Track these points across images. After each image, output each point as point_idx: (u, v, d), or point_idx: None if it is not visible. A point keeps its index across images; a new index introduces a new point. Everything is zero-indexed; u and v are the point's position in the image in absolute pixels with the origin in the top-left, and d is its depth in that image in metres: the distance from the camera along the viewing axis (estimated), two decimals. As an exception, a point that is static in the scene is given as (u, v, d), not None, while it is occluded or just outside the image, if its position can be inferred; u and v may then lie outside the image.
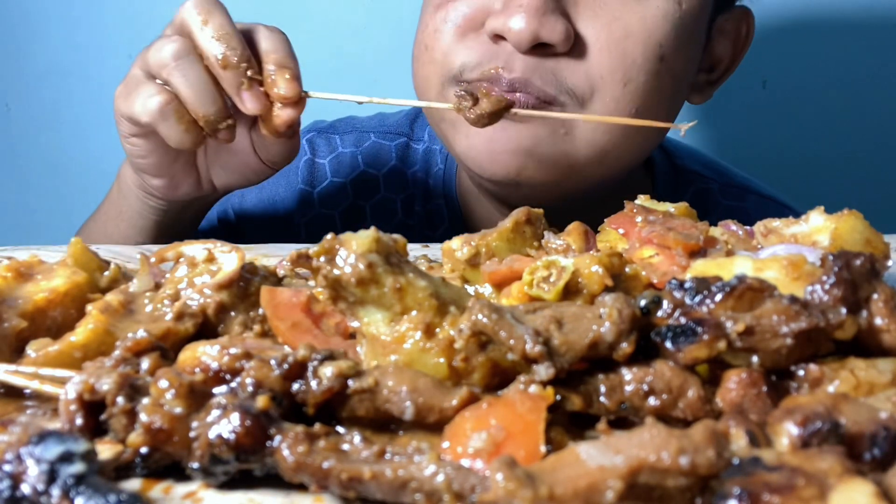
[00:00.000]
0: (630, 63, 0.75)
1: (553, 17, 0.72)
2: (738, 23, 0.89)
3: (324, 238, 0.39)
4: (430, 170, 1.02)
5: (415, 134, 1.05)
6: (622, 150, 0.79)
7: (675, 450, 0.28)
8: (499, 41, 0.75)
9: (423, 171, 1.03)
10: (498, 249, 0.49)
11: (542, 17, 0.71)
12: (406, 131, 1.05)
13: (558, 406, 0.36)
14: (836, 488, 0.27)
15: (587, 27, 0.74)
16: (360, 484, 0.31)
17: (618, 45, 0.74)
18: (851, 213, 0.47)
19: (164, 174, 0.81)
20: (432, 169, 1.02)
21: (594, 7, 0.75)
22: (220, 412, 0.34)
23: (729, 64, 0.91)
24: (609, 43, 0.74)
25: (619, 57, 0.74)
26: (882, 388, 0.36)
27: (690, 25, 0.78)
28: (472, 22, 0.76)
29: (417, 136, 1.05)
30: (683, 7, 0.76)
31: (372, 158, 1.03)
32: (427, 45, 0.79)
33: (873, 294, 0.38)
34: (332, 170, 1.04)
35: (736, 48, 0.90)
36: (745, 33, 0.90)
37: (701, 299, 0.37)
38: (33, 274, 0.49)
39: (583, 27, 0.74)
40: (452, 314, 0.38)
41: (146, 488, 0.34)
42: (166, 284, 0.48)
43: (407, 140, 1.04)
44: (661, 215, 0.52)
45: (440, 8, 0.78)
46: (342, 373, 0.35)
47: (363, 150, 1.04)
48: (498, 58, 0.74)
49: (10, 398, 0.41)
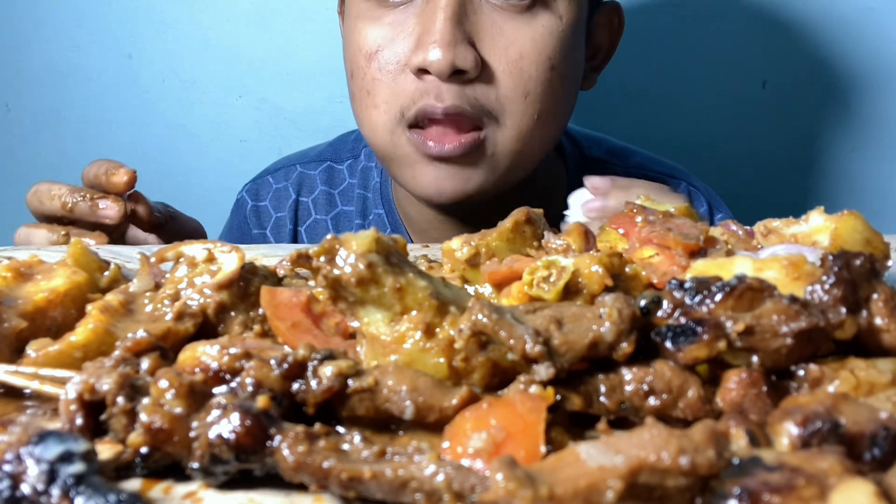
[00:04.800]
0: (527, 78, 0.88)
1: (463, 47, 0.84)
2: (610, 16, 1.02)
3: (324, 238, 0.39)
4: (368, 184, 1.14)
5: (340, 156, 1.17)
6: (534, 147, 0.93)
7: (675, 450, 0.28)
8: (422, 76, 0.86)
9: (361, 186, 1.14)
10: (498, 249, 0.49)
11: (454, 47, 0.83)
12: (329, 156, 1.17)
13: (558, 406, 0.36)
14: (837, 488, 0.27)
15: (489, 54, 0.87)
16: (360, 484, 0.31)
17: (516, 66, 0.87)
18: (851, 213, 0.47)
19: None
20: (370, 183, 1.14)
21: (493, 35, 0.87)
22: (220, 412, 0.34)
23: (608, 51, 1.04)
24: (509, 65, 0.87)
25: (518, 75, 0.88)
26: (882, 388, 0.36)
27: (571, 33, 0.91)
28: (398, 65, 0.88)
29: (342, 158, 1.16)
30: (564, 20, 0.90)
31: (300, 187, 1.16)
32: (369, 91, 0.91)
33: (873, 294, 0.38)
34: (273, 206, 1.16)
35: (612, 37, 1.04)
36: (616, 24, 1.04)
37: (701, 299, 0.37)
38: (33, 274, 0.49)
39: (486, 54, 0.87)
40: (452, 314, 0.38)
41: (146, 488, 0.34)
42: (166, 284, 0.48)
43: (330, 164, 1.16)
44: (661, 215, 0.52)
45: (371, 58, 0.89)
46: (342, 372, 0.35)
47: (292, 180, 1.16)
48: (428, 92, 0.86)
49: (10, 398, 0.41)
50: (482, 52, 0.86)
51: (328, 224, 1.15)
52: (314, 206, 1.15)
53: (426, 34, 0.84)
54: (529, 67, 0.88)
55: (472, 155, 0.88)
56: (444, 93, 0.85)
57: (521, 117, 0.89)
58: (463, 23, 0.85)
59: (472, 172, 0.90)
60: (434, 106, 0.86)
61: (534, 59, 0.88)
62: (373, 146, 0.95)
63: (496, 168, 0.91)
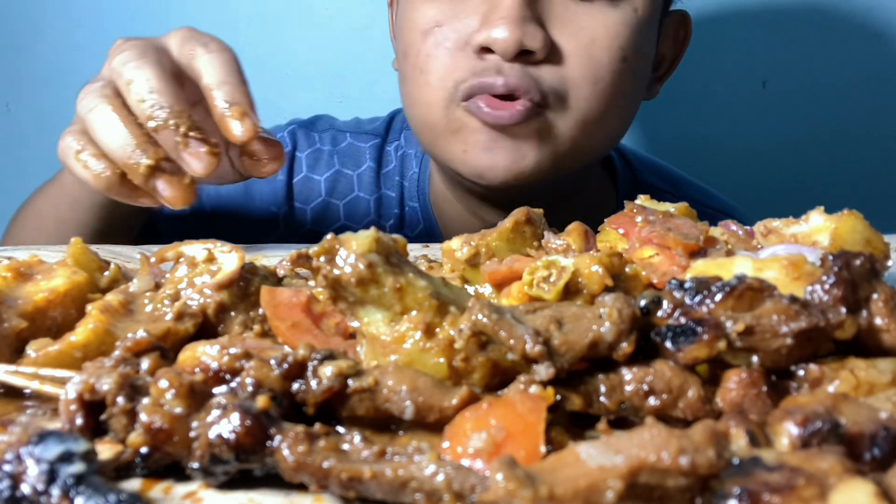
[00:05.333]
0: (598, 65, 0.84)
1: (532, 26, 0.80)
2: (677, 26, 0.99)
3: (324, 238, 0.39)
4: (406, 173, 1.08)
5: (389, 136, 1.10)
6: (594, 140, 0.89)
7: (675, 450, 0.28)
8: (484, 55, 0.82)
9: (399, 174, 1.08)
10: (498, 249, 0.49)
11: (524, 26, 0.79)
12: (381, 133, 1.10)
13: (558, 406, 0.36)
14: (837, 488, 0.27)
15: (559, 36, 0.83)
16: (360, 484, 0.31)
17: (587, 50, 0.83)
18: (851, 213, 0.47)
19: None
20: (407, 172, 1.08)
21: (563, 18, 0.83)
22: (220, 412, 0.34)
23: (671, 62, 1.01)
24: (579, 49, 0.83)
25: (588, 60, 0.83)
26: (882, 388, 0.36)
27: (645, 29, 0.87)
28: (458, 42, 0.83)
29: (391, 139, 1.10)
30: (639, 14, 0.86)
31: (347, 158, 1.08)
32: (422, 69, 0.86)
33: (873, 294, 0.38)
34: (308, 165, 1.08)
35: (676, 48, 1.00)
36: (682, 36, 1.00)
37: (701, 299, 0.37)
38: (33, 274, 0.49)
39: (556, 36, 0.82)
40: (452, 314, 0.38)
41: (146, 488, 0.34)
42: (166, 284, 0.48)
43: (381, 142, 1.10)
44: (661, 215, 0.52)
45: (428, 34, 0.85)
46: (342, 372, 0.35)
47: (339, 149, 1.09)
48: (488, 70, 0.81)
49: (10, 398, 0.41)
50: (551, 33, 0.82)
51: (370, 205, 1.07)
52: (359, 181, 1.08)
53: (493, 11, 0.80)
54: (601, 54, 0.83)
55: (529, 127, 0.83)
56: (508, 72, 0.81)
57: (587, 103, 0.84)
58: (534, 2, 0.81)
59: (528, 149, 0.84)
60: (494, 79, 0.81)
61: (606, 46, 0.83)
62: (425, 125, 0.89)
63: (554, 152, 0.85)
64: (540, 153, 0.85)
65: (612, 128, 0.90)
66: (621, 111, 0.89)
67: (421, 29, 0.85)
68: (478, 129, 0.84)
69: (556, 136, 0.85)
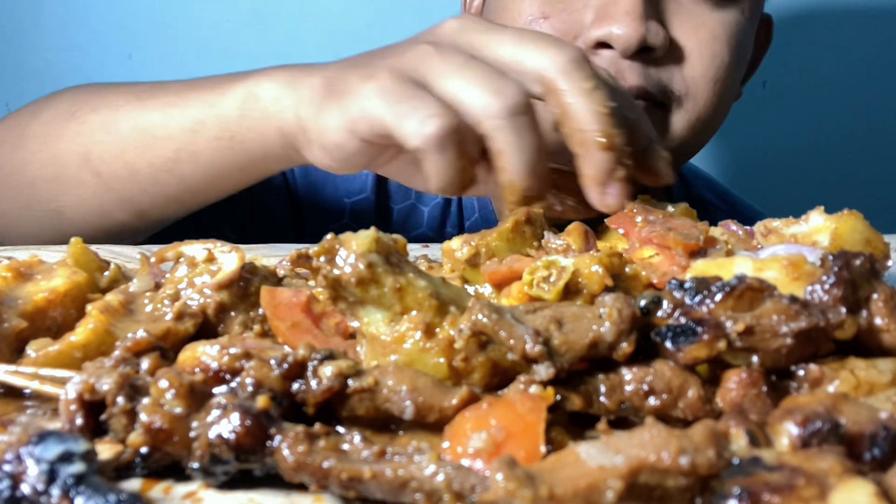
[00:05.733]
0: (719, 63, 0.81)
1: (654, 23, 0.76)
2: (760, 30, 0.95)
3: (323, 238, 0.39)
4: None
5: None
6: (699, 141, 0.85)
7: (675, 450, 0.28)
8: (599, 51, 0.77)
9: None
10: (498, 249, 0.49)
11: (647, 21, 0.75)
12: None
13: (558, 406, 0.36)
14: (837, 488, 0.27)
15: (679, 32, 0.79)
16: (360, 483, 0.31)
17: (708, 46, 0.80)
18: (851, 213, 0.47)
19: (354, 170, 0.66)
20: None
21: (681, 14, 0.80)
22: (220, 412, 0.34)
23: (752, 67, 0.98)
24: (699, 46, 0.80)
25: (710, 57, 0.80)
26: (882, 388, 0.36)
27: (749, 30, 0.85)
28: (567, 36, 0.78)
29: None
30: (745, 15, 0.83)
31: None
32: None
33: (873, 294, 0.38)
34: None
35: (756, 52, 0.97)
36: (763, 40, 0.98)
37: (701, 299, 0.37)
38: (33, 274, 0.49)
39: (675, 33, 0.79)
40: (452, 314, 0.38)
41: (146, 488, 0.34)
42: (166, 284, 0.48)
43: None
44: (661, 215, 0.52)
45: (535, 25, 0.80)
46: (342, 372, 0.35)
47: None
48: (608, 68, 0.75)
49: (10, 398, 0.41)
50: (671, 30, 0.78)
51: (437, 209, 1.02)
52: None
53: (613, 5, 0.75)
54: (722, 50, 0.80)
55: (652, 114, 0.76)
56: (626, 70, 0.76)
57: (704, 103, 0.81)
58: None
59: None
60: None
61: (726, 42, 0.80)
62: None
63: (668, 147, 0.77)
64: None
65: (712, 131, 0.87)
66: (724, 113, 0.86)
67: (524, 18, 0.80)
68: None
69: (671, 134, 0.82)
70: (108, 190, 0.75)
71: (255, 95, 0.69)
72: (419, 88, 0.58)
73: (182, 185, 0.74)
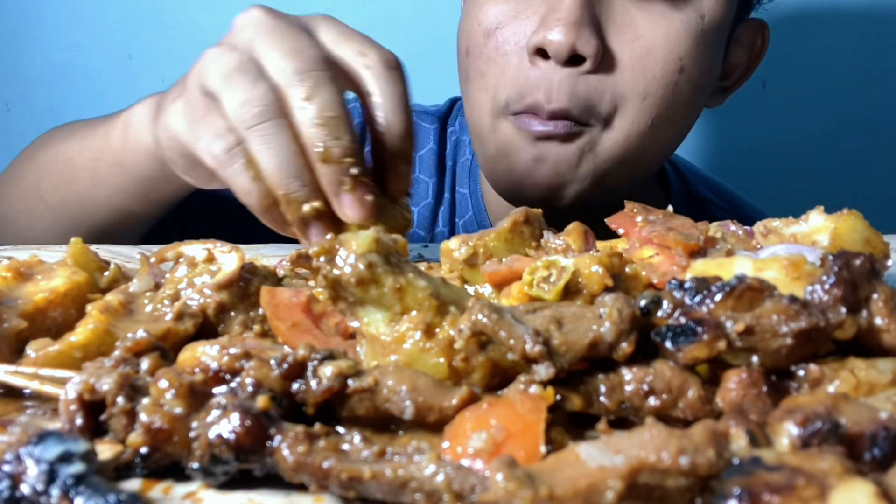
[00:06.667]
0: (650, 78, 0.80)
1: (588, 31, 0.77)
2: (753, 34, 0.94)
3: (323, 238, 0.39)
4: (458, 159, 1.06)
5: (448, 121, 1.08)
6: (641, 156, 0.85)
7: (675, 450, 0.28)
8: (537, 61, 0.79)
9: (452, 158, 1.06)
10: (496, 250, 0.49)
11: (579, 29, 0.76)
12: (442, 116, 1.08)
13: (558, 406, 0.36)
14: (836, 488, 0.27)
15: (615, 42, 0.79)
16: (360, 484, 0.31)
17: (640, 62, 0.79)
18: (851, 213, 0.47)
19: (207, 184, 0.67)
20: (460, 158, 1.06)
21: (621, 24, 0.80)
22: (220, 412, 0.34)
23: (743, 72, 0.96)
24: (632, 60, 0.79)
25: (640, 73, 0.79)
26: (882, 388, 0.36)
27: (711, 36, 0.82)
28: (517, 47, 0.81)
29: (449, 123, 1.08)
30: (706, 20, 0.81)
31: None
32: (483, 73, 0.84)
33: (873, 294, 0.38)
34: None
35: (750, 58, 0.95)
36: (759, 46, 0.95)
37: (701, 299, 0.37)
38: (33, 274, 0.49)
39: (611, 42, 0.79)
40: (452, 314, 0.38)
41: (146, 488, 0.34)
42: (166, 284, 0.48)
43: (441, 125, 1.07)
44: (661, 215, 0.52)
45: (490, 36, 0.83)
46: (342, 372, 0.35)
47: None
48: (539, 87, 0.79)
49: (10, 398, 0.41)
50: (607, 40, 0.79)
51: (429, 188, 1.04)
52: (420, 163, 1.05)
53: (552, 12, 0.78)
54: (655, 65, 0.80)
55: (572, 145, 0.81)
56: (555, 89, 0.79)
57: (633, 120, 0.81)
58: (593, 5, 0.78)
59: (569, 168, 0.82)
60: (541, 105, 0.79)
61: (661, 57, 0.80)
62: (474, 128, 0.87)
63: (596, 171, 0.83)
64: (581, 172, 0.83)
65: (661, 141, 0.86)
66: (672, 125, 0.85)
67: (483, 28, 0.84)
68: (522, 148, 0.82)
69: (597, 153, 0.83)
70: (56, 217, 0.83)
71: (129, 123, 0.73)
72: (211, 102, 0.58)
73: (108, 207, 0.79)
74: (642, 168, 0.88)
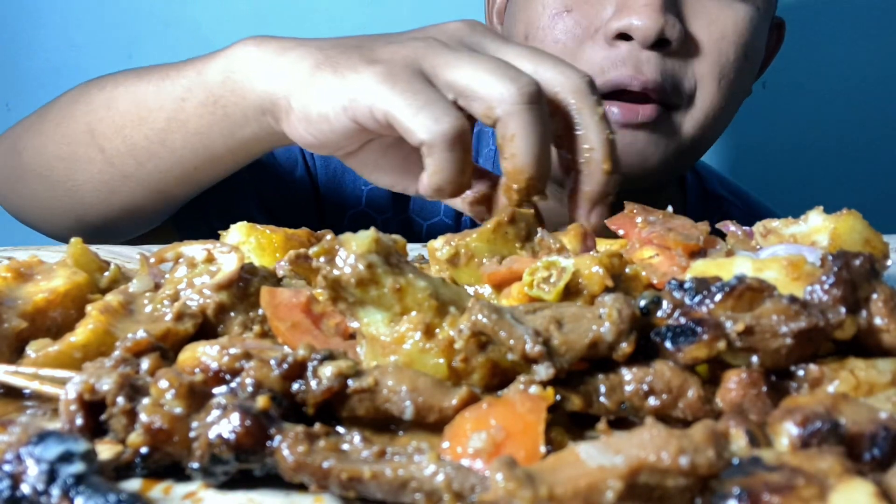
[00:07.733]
0: (724, 62, 0.83)
1: (672, 16, 0.79)
2: (772, 31, 0.98)
3: (323, 238, 0.39)
4: (481, 150, 1.05)
5: None
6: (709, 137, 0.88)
7: (675, 450, 0.28)
8: (617, 43, 0.80)
9: (475, 149, 1.05)
10: (478, 250, 0.48)
11: (665, 14, 0.78)
12: None
13: (558, 406, 0.36)
14: (836, 488, 0.27)
15: (694, 27, 0.82)
16: (360, 484, 0.31)
17: (716, 46, 0.82)
18: (850, 213, 0.47)
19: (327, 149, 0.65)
20: (483, 149, 1.05)
21: (696, 9, 0.82)
22: (220, 412, 0.34)
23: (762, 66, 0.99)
24: (709, 43, 0.82)
25: (717, 56, 0.83)
26: (882, 388, 0.36)
27: (763, 28, 0.87)
28: (589, 30, 0.82)
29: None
30: (760, 12, 0.85)
31: None
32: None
33: (873, 294, 0.38)
34: None
35: (768, 52, 0.99)
36: (775, 41, 1.00)
37: (701, 299, 0.37)
38: (33, 274, 0.49)
39: (690, 27, 0.82)
40: (452, 314, 0.38)
41: (146, 488, 0.34)
42: (166, 285, 0.48)
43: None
44: (661, 216, 0.52)
45: (558, 18, 0.83)
46: (342, 372, 0.35)
47: None
48: (624, 62, 0.80)
49: (10, 398, 0.41)
50: (686, 24, 0.82)
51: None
52: None
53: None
54: (728, 49, 0.83)
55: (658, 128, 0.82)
56: (644, 64, 0.80)
57: (711, 101, 0.84)
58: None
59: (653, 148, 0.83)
60: (632, 77, 0.80)
61: (733, 42, 0.83)
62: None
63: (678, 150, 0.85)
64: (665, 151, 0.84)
65: (722, 126, 0.89)
66: (733, 110, 0.88)
67: (550, 11, 0.84)
68: None
69: (681, 134, 0.84)
70: (111, 166, 0.78)
71: (240, 58, 0.69)
72: (428, 83, 0.58)
73: (175, 157, 0.75)
74: (702, 153, 0.91)
